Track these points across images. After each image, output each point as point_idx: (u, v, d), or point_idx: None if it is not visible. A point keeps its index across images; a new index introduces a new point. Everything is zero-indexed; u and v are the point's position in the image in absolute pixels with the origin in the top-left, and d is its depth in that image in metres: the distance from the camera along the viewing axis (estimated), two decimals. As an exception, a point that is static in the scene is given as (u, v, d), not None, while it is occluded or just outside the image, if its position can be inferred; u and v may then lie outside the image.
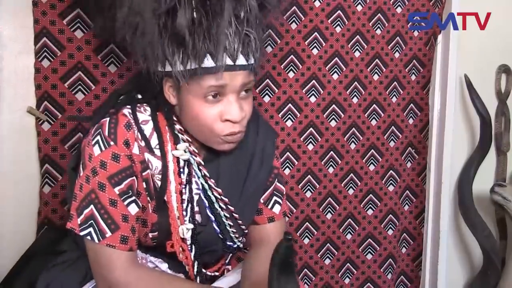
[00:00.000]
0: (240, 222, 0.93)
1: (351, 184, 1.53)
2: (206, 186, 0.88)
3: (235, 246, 0.95)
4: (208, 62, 0.78)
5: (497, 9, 1.58)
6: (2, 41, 1.17)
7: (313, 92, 1.45)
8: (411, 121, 1.58)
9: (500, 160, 1.66)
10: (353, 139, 1.52)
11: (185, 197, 0.86)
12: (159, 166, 0.84)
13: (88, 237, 0.79)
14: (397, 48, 1.53)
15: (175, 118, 0.87)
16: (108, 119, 0.82)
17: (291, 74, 1.43)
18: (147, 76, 0.85)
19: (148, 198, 0.84)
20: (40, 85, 1.18)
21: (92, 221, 0.79)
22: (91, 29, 1.16)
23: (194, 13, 0.77)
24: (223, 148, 0.85)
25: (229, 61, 0.78)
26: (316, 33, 1.43)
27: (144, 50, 0.81)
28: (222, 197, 0.89)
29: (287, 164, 1.45)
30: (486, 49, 1.60)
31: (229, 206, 0.90)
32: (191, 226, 0.86)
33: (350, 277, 1.56)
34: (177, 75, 0.79)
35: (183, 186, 0.86)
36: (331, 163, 1.50)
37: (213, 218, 0.90)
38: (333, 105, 1.48)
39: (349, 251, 1.55)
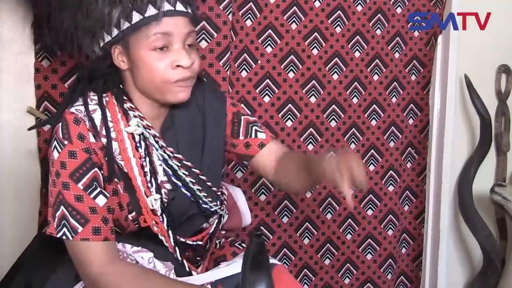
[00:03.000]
0: (209, 184, 0.95)
1: (351, 184, 1.53)
2: (166, 156, 0.91)
3: (212, 209, 0.97)
4: (150, 11, 0.84)
5: (497, 9, 1.58)
6: (2, 41, 1.17)
7: (313, 92, 1.45)
8: (411, 121, 1.58)
9: (500, 160, 1.66)
10: (353, 139, 1.52)
11: (147, 169, 0.88)
12: (116, 147, 0.87)
13: (64, 237, 0.81)
14: (397, 48, 1.53)
15: (125, 98, 0.91)
16: (60, 123, 0.85)
17: (291, 74, 1.43)
18: (93, 60, 0.91)
19: (116, 179, 0.87)
20: (40, 85, 1.18)
21: (64, 221, 0.81)
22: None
23: None
24: (179, 98, 0.89)
25: (169, 7, 0.85)
26: (316, 33, 1.43)
27: (90, 29, 0.87)
28: (184, 162, 0.92)
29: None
30: (486, 49, 1.60)
31: (194, 170, 0.93)
32: (157, 196, 0.88)
33: (350, 277, 1.56)
34: (126, 32, 0.85)
35: (143, 160, 0.88)
36: (331, 163, 1.50)
37: (180, 184, 0.92)
38: (333, 106, 1.48)
39: (349, 251, 1.55)
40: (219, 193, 0.99)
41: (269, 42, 1.39)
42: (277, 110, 1.42)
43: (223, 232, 1.09)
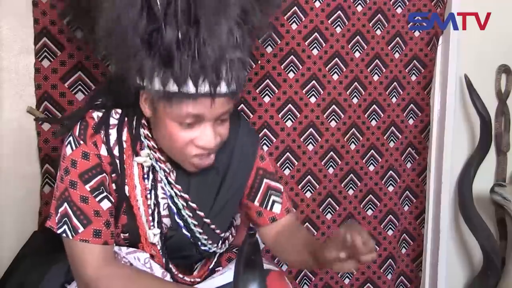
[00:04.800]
0: (213, 227, 0.92)
1: (351, 185, 1.53)
2: (173, 193, 0.88)
3: (211, 251, 0.95)
4: (188, 87, 0.75)
5: (497, 9, 1.58)
6: (2, 41, 1.17)
7: (313, 92, 1.45)
8: (411, 121, 1.58)
9: (500, 160, 1.66)
10: (353, 139, 1.52)
11: (150, 202, 0.86)
12: (125, 174, 0.86)
13: (64, 234, 0.82)
14: (397, 48, 1.53)
15: (144, 122, 0.87)
16: (80, 121, 0.84)
17: (291, 75, 1.43)
18: (123, 84, 0.83)
19: (123, 200, 0.86)
20: (40, 85, 1.18)
21: (66, 218, 0.82)
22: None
23: (181, 30, 0.73)
24: (190, 170, 0.85)
25: (209, 89, 0.75)
26: (316, 33, 1.43)
27: (124, 63, 0.80)
28: (190, 204, 0.89)
29: (287, 164, 1.45)
30: (486, 49, 1.60)
31: (198, 212, 0.90)
32: (157, 231, 0.87)
33: (350, 278, 1.56)
34: (155, 95, 0.77)
35: (148, 192, 0.86)
36: (331, 163, 1.50)
37: (182, 224, 0.89)
38: (333, 106, 1.48)
39: (349, 251, 1.54)
40: (223, 234, 0.96)
41: (270, 42, 1.39)
42: (277, 110, 1.42)
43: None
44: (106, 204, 0.83)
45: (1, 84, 1.17)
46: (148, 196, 0.86)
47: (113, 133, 0.85)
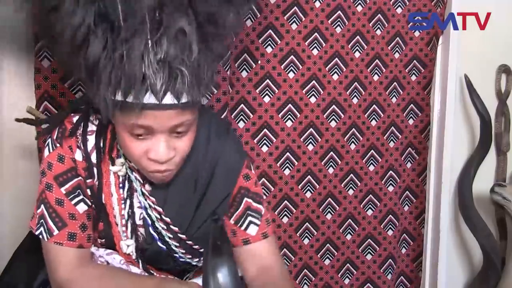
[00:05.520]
0: (190, 243, 0.88)
1: (351, 185, 1.53)
2: (147, 204, 0.85)
3: (193, 263, 0.92)
4: (132, 98, 0.70)
5: (497, 9, 1.58)
6: (2, 41, 1.17)
7: (313, 92, 1.45)
8: (411, 121, 1.58)
9: (500, 160, 1.66)
10: (353, 139, 1.52)
11: (124, 212, 0.84)
12: (103, 181, 0.85)
13: (40, 236, 0.82)
14: (397, 48, 1.53)
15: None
16: (60, 125, 0.85)
17: (291, 75, 1.42)
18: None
19: (94, 205, 0.85)
20: (40, 85, 1.18)
21: (42, 220, 0.82)
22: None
23: (108, 40, 0.69)
24: (155, 181, 0.82)
25: (152, 100, 0.69)
26: (316, 33, 1.43)
27: (78, 73, 0.77)
28: (163, 217, 0.86)
29: (287, 164, 1.45)
30: (486, 49, 1.60)
31: (172, 227, 0.86)
32: (131, 242, 0.85)
33: (350, 278, 1.56)
34: (104, 103, 0.73)
35: (123, 201, 0.84)
36: (331, 163, 1.50)
37: (156, 237, 0.86)
38: (333, 106, 1.48)
39: (349, 251, 1.54)
40: (202, 250, 0.90)
41: (269, 42, 1.39)
42: (277, 110, 1.42)
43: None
44: (82, 207, 0.83)
45: (1, 84, 1.17)
46: (123, 206, 0.84)
47: (91, 139, 0.84)
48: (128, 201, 0.85)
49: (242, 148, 0.96)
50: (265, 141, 1.42)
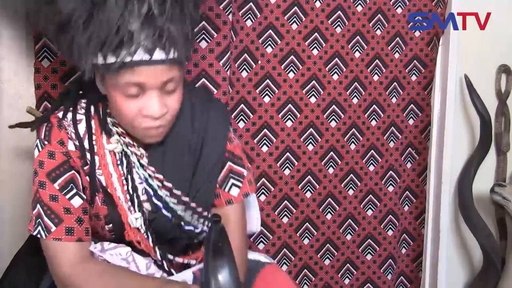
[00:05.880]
0: (193, 205, 0.91)
1: (351, 185, 1.53)
2: (147, 175, 0.88)
3: (198, 231, 0.94)
4: (123, 56, 0.75)
5: (497, 9, 1.58)
6: (2, 41, 1.17)
7: (313, 92, 1.45)
8: (411, 121, 1.58)
9: (500, 160, 1.66)
10: (353, 139, 1.52)
11: (128, 187, 0.87)
12: (97, 161, 0.87)
13: (39, 235, 0.83)
14: (397, 48, 1.53)
15: (110, 110, 0.88)
16: (45, 123, 0.86)
17: (291, 75, 1.42)
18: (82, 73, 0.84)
19: (96, 192, 0.87)
20: (40, 85, 1.18)
21: (39, 219, 0.83)
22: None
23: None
24: (147, 142, 0.86)
25: (145, 56, 0.75)
26: (316, 33, 1.43)
27: (67, 46, 0.80)
28: (165, 183, 0.89)
29: (287, 164, 1.45)
30: (486, 49, 1.60)
31: (175, 191, 0.89)
32: (138, 215, 0.87)
33: (350, 278, 1.56)
34: (99, 68, 0.78)
35: (124, 177, 0.87)
36: (331, 163, 1.50)
37: (161, 205, 0.89)
38: (333, 106, 1.48)
39: (349, 251, 1.54)
40: (206, 213, 0.94)
41: (270, 42, 1.39)
42: (277, 110, 1.42)
43: None
44: (77, 201, 0.84)
45: (1, 84, 1.17)
46: (124, 182, 0.87)
47: (81, 127, 0.86)
48: (129, 177, 0.87)
49: (227, 113, 1.02)
50: (265, 141, 1.42)
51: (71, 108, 0.88)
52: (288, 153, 1.45)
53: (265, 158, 1.42)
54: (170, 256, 0.92)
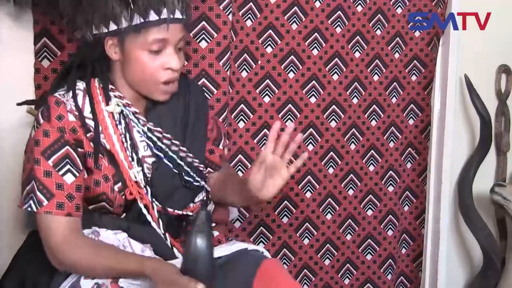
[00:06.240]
0: (191, 155, 1.01)
1: (351, 185, 1.53)
2: (146, 129, 0.97)
3: (196, 183, 1.02)
4: (152, 16, 0.89)
5: (497, 9, 1.58)
6: (2, 40, 1.17)
7: (313, 92, 1.45)
8: (411, 121, 1.58)
9: (500, 160, 1.66)
10: (353, 139, 1.52)
11: (127, 144, 0.95)
12: (100, 127, 0.94)
13: (29, 209, 0.88)
14: (397, 48, 1.53)
15: (108, 76, 0.97)
16: (43, 106, 0.93)
17: (291, 75, 1.42)
18: (85, 45, 0.96)
19: (100, 155, 0.93)
20: (40, 85, 1.18)
21: (32, 194, 0.88)
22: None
23: None
24: (163, 98, 0.97)
25: (169, 14, 0.90)
26: (316, 33, 1.43)
27: (87, 15, 0.91)
28: (164, 135, 0.98)
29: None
30: (486, 49, 1.60)
31: (174, 141, 0.99)
32: (138, 169, 0.94)
33: (350, 278, 1.56)
34: (125, 31, 0.90)
35: (123, 136, 0.95)
36: (331, 163, 1.50)
37: (162, 155, 0.98)
38: (333, 106, 1.48)
39: (349, 251, 1.55)
40: (201, 168, 1.04)
41: (270, 42, 1.39)
42: (277, 111, 1.42)
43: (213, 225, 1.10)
44: (69, 178, 0.89)
45: (1, 84, 1.17)
46: (123, 139, 0.95)
47: (80, 99, 0.93)
48: (127, 135, 0.95)
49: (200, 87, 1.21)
50: (265, 141, 1.42)
51: (66, 88, 0.94)
52: (288, 153, 1.44)
53: (265, 158, 1.42)
54: (170, 209, 0.97)
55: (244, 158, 1.40)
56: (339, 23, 1.45)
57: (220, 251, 0.95)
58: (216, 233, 1.07)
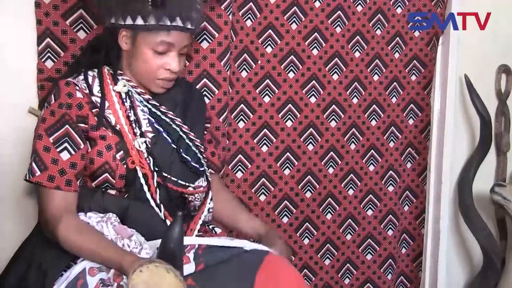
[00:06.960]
0: (191, 134, 1.09)
1: (351, 185, 1.53)
2: (150, 106, 1.06)
3: (193, 163, 1.07)
4: (164, 21, 0.99)
5: (497, 9, 1.58)
6: (5, 41, 1.17)
7: (313, 92, 1.46)
8: (411, 121, 1.59)
9: (500, 160, 1.66)
10: (353, 139, 1.52)
11: (132, 119, 1.03)
12: (106, 103, 1.03)
13: (26, 177, 0.96)
14: (397, 48, 1.54)
15: (121, 66, 1.07)
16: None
17: (291, 75, 1.43)
18: (104, 31, 1.08)
19: (103, 128, 1.01)
20: (43, 86, 1.18)
21: (29, 166, 0.97)
22: None
23: None
24: (156, 91, 1.06)
25: (179, 23, 1.00)
26: (316, 33, 1.43)
27: (111, 8, 1.01)
28: (167, 112, 1.07)
29: (287, 164, 1.46)
30: (486, 49, 1.60)
31: (175, 118, 1.08)
32: (142, 139, 1.02)
33: (350, 278, 1.56)
34: (138, 28, 0.99)
35: (129, 111, 1.04)
36: (331, 163, 1.50)
37: (161, 130, 1.06)
38: (333, 106, 1.48)
39: (349, 251, 1.55)
40: (201, 148, 1.11)
41: (269, 42, 1.39)
42: (277, 110, 1.43)
43: (211, 226, 1.12)
44: (65, 155, 0.96)
45: (4, 84, 1.18)
46: (129, 114, 1.03)
47: (90, 79, 1.03)
48: (132, 111, 1.04)
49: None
50: (265, 141, 1.42)
51: (80, 70, 1.04)
52: (288, 153, 1.45)
53: (265, 158, 1.42)
54: (169, 183, 1.03)
55: (244, 158, 1.41)
56: (339, 23, 1.46)
57: (220, 241, 0.97)
58: (218, 230, 1.12)
